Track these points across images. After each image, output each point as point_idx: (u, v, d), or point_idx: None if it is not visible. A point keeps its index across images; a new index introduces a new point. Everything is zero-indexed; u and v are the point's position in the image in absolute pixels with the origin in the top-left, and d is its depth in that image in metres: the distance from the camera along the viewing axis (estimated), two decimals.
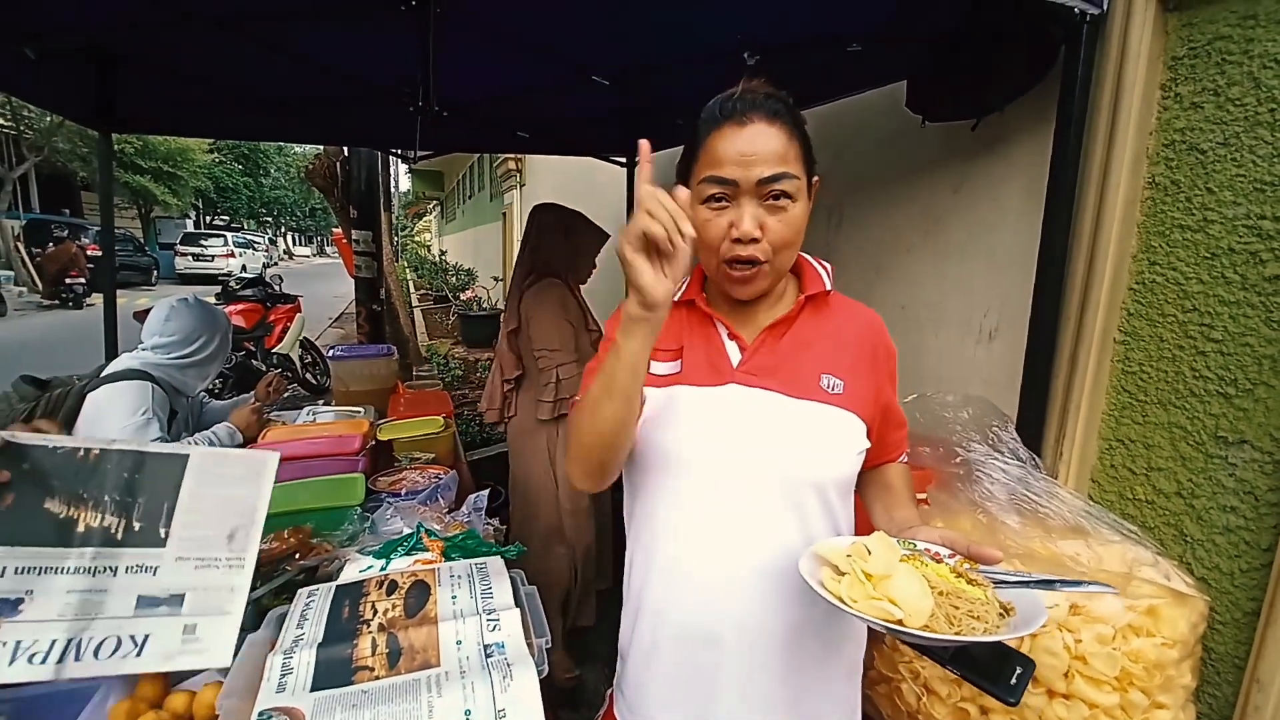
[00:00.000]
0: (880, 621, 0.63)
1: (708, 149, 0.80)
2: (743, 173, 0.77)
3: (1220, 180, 1.14)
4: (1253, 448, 1.10)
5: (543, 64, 2.12)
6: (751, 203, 0.78)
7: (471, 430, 4.46)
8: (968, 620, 0.63)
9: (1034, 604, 0.67)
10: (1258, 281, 1.09)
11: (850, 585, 0.67)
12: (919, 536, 0.77)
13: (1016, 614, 0.66)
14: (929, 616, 0.63)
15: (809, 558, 0.74)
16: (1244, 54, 1.10)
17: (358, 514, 1.33)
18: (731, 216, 0.79)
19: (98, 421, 1.81)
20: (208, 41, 1.90)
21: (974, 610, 0.64)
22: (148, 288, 15.82)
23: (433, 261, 14.34)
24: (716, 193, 0.79)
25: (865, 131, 2.09)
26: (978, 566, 0.72)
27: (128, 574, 0.86)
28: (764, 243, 0.79)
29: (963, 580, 0.69)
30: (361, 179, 4.63)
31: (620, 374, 0.73)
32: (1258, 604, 1.10)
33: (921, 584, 0.65)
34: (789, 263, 0.84)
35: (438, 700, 0.72)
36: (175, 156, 19.73)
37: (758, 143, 0.77)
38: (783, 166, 0.77)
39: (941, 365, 1.81)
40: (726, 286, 0.85)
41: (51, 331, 9.39)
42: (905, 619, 0.62)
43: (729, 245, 0.79)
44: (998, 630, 0.63)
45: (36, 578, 0.82)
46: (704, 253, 0.83)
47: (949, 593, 0.66)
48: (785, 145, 0.78)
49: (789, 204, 0.78)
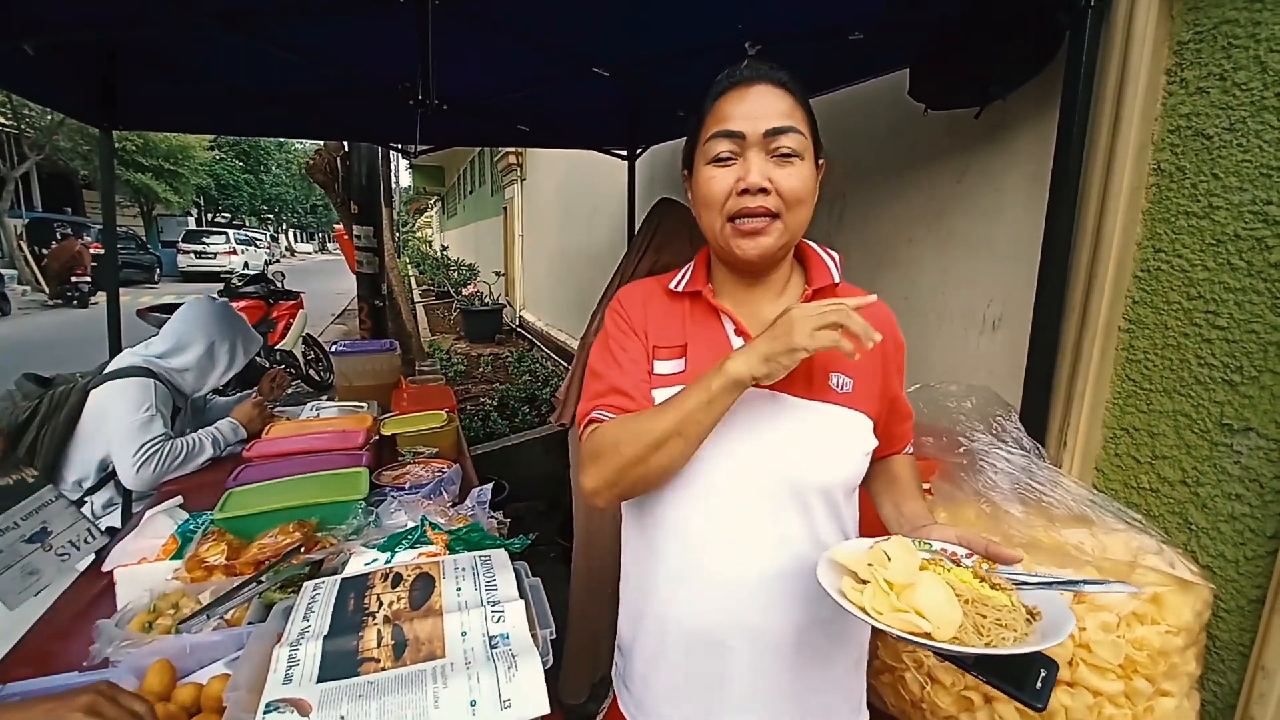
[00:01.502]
0: (907, 634, 0.60)
1: (714, 111, 0.79)
2: (750, 124, 0.76)
3: (1226, 166, 1.12)
4: (1258, 435, 1.10)
5: (542, 56, 2.11)
6: (759, 156, 0.76)
7: (474, 424, 4.48)
8: (996, 629, 0.61)
9: (1060, 608, 0.65)
10: (1263, 268, 1.08)
11: (873, 595, 0.64)
12: (934, 536, 0.76)
13: (1042, 618, 0.64)
14: (958, 627, 0.60)
15: (826, 565, 0.71)
16: (1250, 38, 1.09)
17: (362, 508, 1.33)
18: (738, 171, 0.77)
19: (101, 419, 1.82)
20: (208, 37, 1.90)
21: (1001, 618, 0.62)
22: (150, 286, 15.85)
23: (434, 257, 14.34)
24: (723, 150, 0.77)
25: (867, 121, 2.08)
26: (996, 567, 0.70)
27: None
28: (773, 195, 0.77)
29: (985, 584, 0.66)
30: (362, 174, 4.63)
31: (707, 421, 0.74)
32: (1262, 591, 1.09)
33: (947, 592, 0.63)
34: (800, 224, 0.81)
35: (443, 691, 0.73)
36: (176, 154, 19.73)
37: (764, 100, 0.77)
38: (790, 120, 0.76)
39: (945, 355, 1.81)
40: (733, 245, 0.80)
41: (56, 330, 9.42)
42: (934, 631, 0.60)
43: (736, 199, 0.77)
44: (1027, 639, 0.61)
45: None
46: (708, 212, 0.81)
47: (974, 600, 0.63)
48: (791, 106, 0.78)
49: (797, 161, 0.77)
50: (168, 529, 1.35)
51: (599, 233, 5.49)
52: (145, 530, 1.35)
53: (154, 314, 4.84)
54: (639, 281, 0.96)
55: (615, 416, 0.82)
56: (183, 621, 1.01)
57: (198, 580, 1.15)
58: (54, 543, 1.28)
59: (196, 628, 1.00)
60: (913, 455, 0.97)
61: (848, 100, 2.11)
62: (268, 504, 1.35)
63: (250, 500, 1.38)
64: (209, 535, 1.26)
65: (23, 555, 1.22)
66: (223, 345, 2.10)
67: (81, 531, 1.33)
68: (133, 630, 0.99)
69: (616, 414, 0.82)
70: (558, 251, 7.27)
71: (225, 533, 1.26)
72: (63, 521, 1.32)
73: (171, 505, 1.45)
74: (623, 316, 0.90)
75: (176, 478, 1.83)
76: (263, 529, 1.26)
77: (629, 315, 0.90)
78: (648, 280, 0.95)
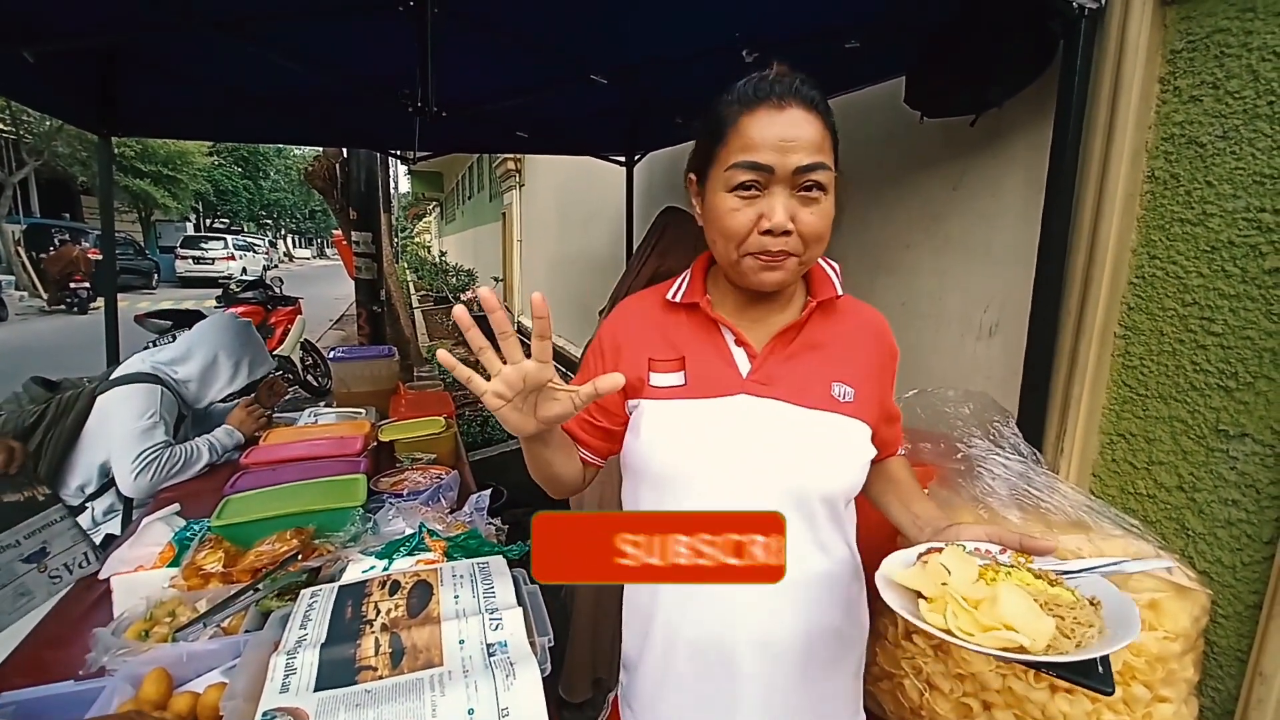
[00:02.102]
0: (1001, 653, 0.57)
1: (740, 131, 0.74)
2: (780, 159, 0.72)
3: (1220, 173, 1.13)
4: (1254, 441, 1.10)
5: (541, 63, 2.12)
6: (784, 192, 0.73)
7: (473, 430, 4.47)
8: (1080, 629, 0.58)
9: (1115, 593, 0.63)
10: (1258, 274, 1.09)
11: (956, 615, 0.60)
12: (965, 537, 0.73)
13: (1104, 606, 0.62)
14: (1051, 637, 0.57)
15: (886, 585, 0.67)
16: (1243, 46, 1.10)
17: (360, 515, 1.33)
18: (762, 208, 0.73)
19: (106, 424, 1.82)
20: (206, 43, 1.91)
21: (1079, 616, 0.60)
22: (149, 291, 15.82)
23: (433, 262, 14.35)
24: (748, 180, 0.73)
25: (864, 128, 2.09)
26: (1033, 560, 0.68)
27: None
28: (795, 236, 0.74)
29: (1045, 581, 0.64)
30: (361, 180, 4.64)
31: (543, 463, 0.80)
32: (1259, 597, 1.10)
33: (1029, 602, 0.59)
34: (816, 257, 0.80)
35: (441, 699, 0.73)
36: (175, 160, 19.72)
37: (797, 129, 0.72)
38: (820, 156, 0.73)
39: (942, 361, 1.81)
40: (748, 275, 0.78)
41: (54, 336, 9.40)
42: (1029, 645, 0.56)
43: (757, 238, 0.75)
44: (1108, 635, 0.59)
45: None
46: (723, 244, 0.78)
47: (1048, 603, 0.61)
48: (821, 135, 0.74)
49: (821, 196, 0.74)
50: (164, 536, 1.35)
51: (597, 239, 5.50)
52: (142, 537, 1.35)
53: (152, 320, 4.83)
54: (635, 297, 0.95)
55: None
56: (179, 629, 1.00)
57: (194, 588, 1.14)
58: (50, 564, 1.28)
59: (193, 636, 0.99)
60: (905, 456, 0.98)
61: (845, 107, 2.12)
62: (265, 511, 1.34)
63: (247, 507, 1.37)
64: (206, 542, 1.25)
65: (18, 575, 1.22)
66: (227, 361, 2.10)
67: (79, 555, 1.33)
68: (129, 638, 0.99)
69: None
70: (556, 257, 7.29)
71: (222, 540, 1.26)
72: (62, 543, 1.32)
73: (168, 512, 1.45)
74: (604, 343, 0.91)
75: (174, 485, 1.82)
76: (260, 536, 1.26)
77: (606, 346, 0.91)
78: (645, 293, 0.95)
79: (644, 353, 0.87)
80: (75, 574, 1.31)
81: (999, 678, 1.08)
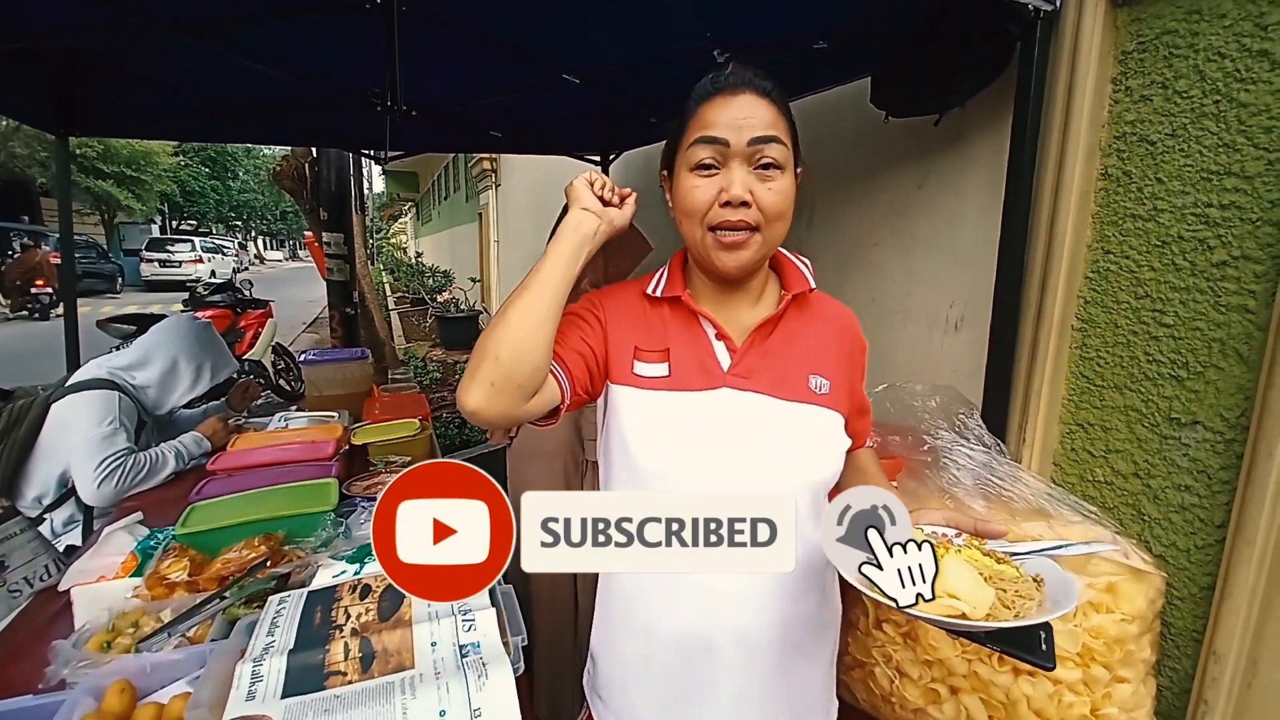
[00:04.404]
0: (944, 619, 0.61)
1: (698, 117, 0.79)
2: (735, 134, 0.76)
3: (1169, 170, 1.17)
4: (1204, 428, 1.14)
5: (512, 63, 2.11)
6: (742, 168, 0.77)
7: (450, 433, 4.43)
8: (1020, 601, 0.64)
9: (1057, 572, 0.68)
10: (1206, 268, 1.13)
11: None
12: (922, 520, 0.77)
13: (1046, 584, 0.67)
14: (991, 606, 0.62)
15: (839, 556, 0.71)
16: (1190, 48, 1.14)
17: (331, 519, 1.31)
18: (721, 182, 0.78)
19: (62, 433, 1.77)
20: (166, 42, 1.86)
21: (1020, 589, 0.65)
22: (113, 295, 15.36)
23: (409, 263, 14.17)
24: (706, 158, 0.78)
25: (833, 127, 2.12)
26: (986, 543, 0.73)
27: None
28: (754, 209, 0.78)
29: (992, 560, 0.69)
30: (331, 180, 4.56)
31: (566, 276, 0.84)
32: (1213, 579, 1.14)
33: (973, 573, 0.64)
34: (779, 237, 0.82)
35: (412, 702, 0.72)
36: (139, 160, 19.11)
37: (751, 109, 0.77)
38: (774, 130, 0.77)
39: (911, 355, 1.85)
40: (713, 256, 0.81)
41: (16, 343, 9.07)
42: (970, 612, 0.61)
43: (717, 210, 0.78)
44: (1046, 607, 0.64)
45: None
46: (689, 221, 0.82)
47: (992, 576, 0.66)
48: (775, 116, 0.78)
49: (778, 174, 0.78)
50: (127, 546, 1.32)
51: None
52: (103, 547, 1.31)
53: (115, 325, 4.69)
54: (614, 287, 0.95)
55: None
56: (143, 640, 0.98)
57: (159, 597, 1.12)
58: (9, 578, 1.25)
59: (157, 646, 0.97)
60: (874, 449, 1.00)
61: (814, 106, 2.15)
62: (232, 518, 1.32)
63: (214, 514, 1.34)
64: (170, 551, 1.22)
65: None
66: (188, 365, 2.05)
67: (39, 568, 1.30)
68: (90, 650, 0.96)
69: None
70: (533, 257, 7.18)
71: (188, 548, 1.23)
72: (22, 556, 1.29)
73: (131, 521, 1.42)
74: (595, 310, 0.90)
75: (137, 493, 1.78)
76: (227, 543, 1.23)
77: (598, 313, 0.90)
78: (622, 285, 0.95)
79: (629, 338, 0.87)
80: (36, 586, 1.28)
81: (965, 663, 1.11)
